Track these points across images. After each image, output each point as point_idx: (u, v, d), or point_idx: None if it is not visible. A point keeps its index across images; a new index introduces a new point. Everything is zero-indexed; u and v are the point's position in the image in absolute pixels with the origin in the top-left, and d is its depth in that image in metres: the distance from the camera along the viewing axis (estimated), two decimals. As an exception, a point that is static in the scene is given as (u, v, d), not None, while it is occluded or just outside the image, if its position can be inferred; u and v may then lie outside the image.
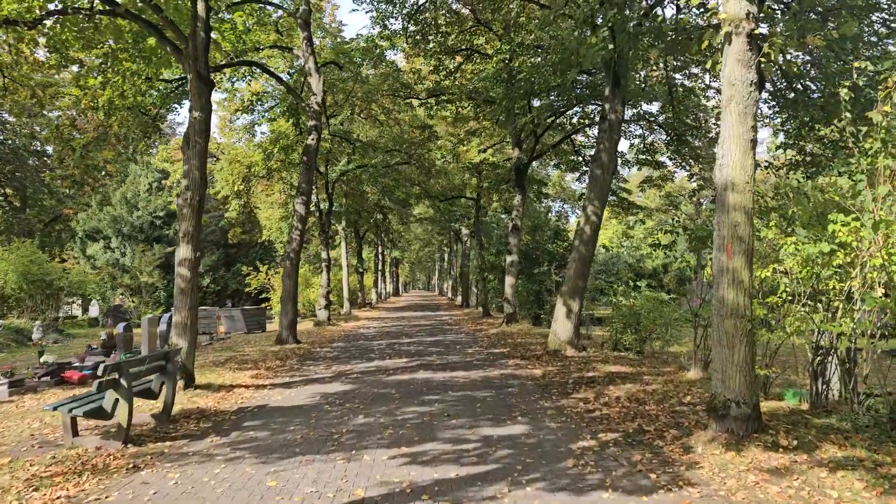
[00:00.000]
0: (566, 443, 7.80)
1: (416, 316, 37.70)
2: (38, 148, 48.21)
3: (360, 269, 48.03)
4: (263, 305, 32.45)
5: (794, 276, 9.42)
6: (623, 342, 17.64)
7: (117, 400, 7.77)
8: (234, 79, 24.44)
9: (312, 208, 30.60)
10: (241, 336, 25.31)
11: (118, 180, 41.37)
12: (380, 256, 59.37)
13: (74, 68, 14.93)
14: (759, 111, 20.77)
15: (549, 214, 46.50)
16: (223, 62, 19.70)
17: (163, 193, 40.58)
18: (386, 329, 27.35)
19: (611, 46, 11.74)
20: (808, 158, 16.26)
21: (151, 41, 13.14)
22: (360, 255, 48.50)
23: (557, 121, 26.60)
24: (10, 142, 45.20)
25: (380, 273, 60.23)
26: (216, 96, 25.01)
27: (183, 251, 11.37)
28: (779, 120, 19.55)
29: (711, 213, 12.70)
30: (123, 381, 7.73)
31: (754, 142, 7.50)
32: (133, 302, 34.15)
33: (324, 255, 30.38)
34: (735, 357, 7.33)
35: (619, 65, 16.12)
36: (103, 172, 50.37)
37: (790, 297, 9.51)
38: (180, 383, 11.15)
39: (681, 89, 20.53)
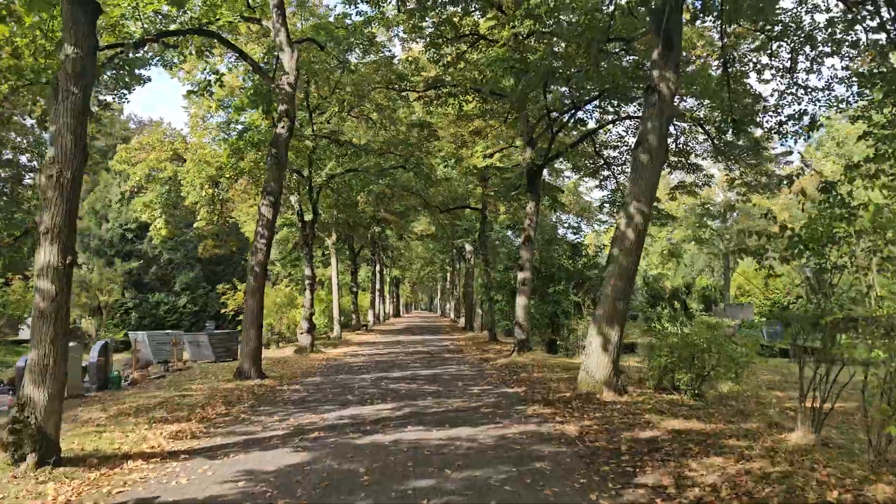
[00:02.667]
0: None
1: (414, 340, 33.71)
2: (10, 157, 44.69)
3: (355, 289, 44.13)
4: (239, 329, 28.52)
5: None
6: (671, 381, 13.70)
7: None
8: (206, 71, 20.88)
9: (293, 217, 26.83)
10: (206, 366, 21.37)
11: (86, 189, 37.67)
12: (377, 275, 55.47)
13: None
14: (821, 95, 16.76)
15: (560, 229, 42.73)
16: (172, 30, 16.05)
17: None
18: (377, 358, 23.39)
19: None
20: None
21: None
22: (354, 273, 44.62)
23: (578, 114, 22.80)
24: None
25: (377, 293, 56.26)
26: (184, 89, 21.58)
27: (45, 254, 7.50)
28: (860, 102, 15.74)
29: (821, 206, 8.86)
30: None
31: None
32: (91, 323, 30.23)
33: (307, 271, 26.47)
34: None
35: (672, 20, 12.38)
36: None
37: None
38: (31, 459, 7.24)
39: (737, 66, 16.77)
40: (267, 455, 8.42)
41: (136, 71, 18.60)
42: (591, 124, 25.18)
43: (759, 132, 19.68)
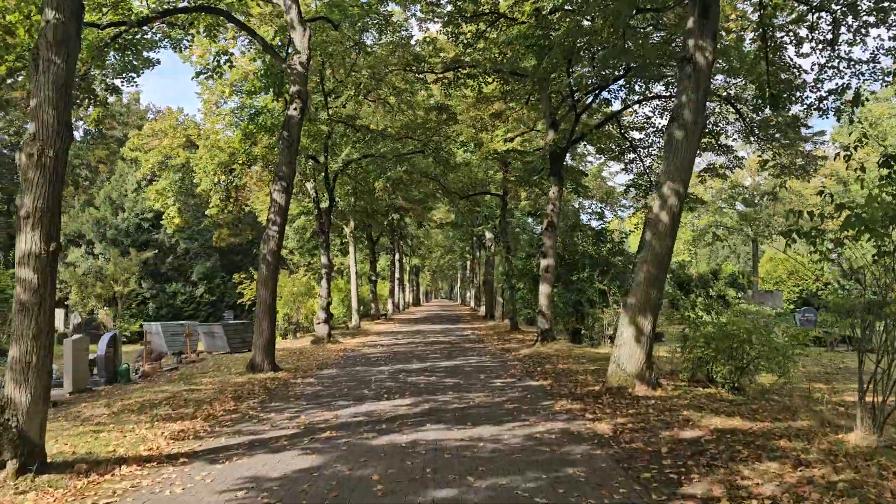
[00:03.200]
0: None
1: (434, 330, 32.98)
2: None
3: (373, 277, 43.49)
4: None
5: None
6: (706, 373, 12.87)
7: None
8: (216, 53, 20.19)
9: (310, 205, 26.18)
10: (220, 358, 20.82)
11: (103, 178, 37.26)
12: (397, 264, 54.77)
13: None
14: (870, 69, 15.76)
15: (583, 216, 41.77)
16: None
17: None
18: (395, 348, 22.70)
19: None
20: None
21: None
22: (373, 262, 43.98)
23: (602, 94, 21.84)
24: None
25: (397, 281, 55.57)
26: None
27: (26, 241, 6.82)
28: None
29: (882, 182, 7.98)
30: None
31: None
32: (108, 314, 29.79)
33: (323, 259, 25.82)
34: None
35: (709, -16, 11.47)
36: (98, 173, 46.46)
37: None
38: (12, 466, 6.58)
39: (775, 38, 15.76)
40: (273, 458, 7.73)
41: (145, 53, 18.03)
42: (617, 105, 24.21)
43: (795, 109, 18.68)
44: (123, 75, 18.22)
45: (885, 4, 15.00)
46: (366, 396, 12.23)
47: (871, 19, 15.74)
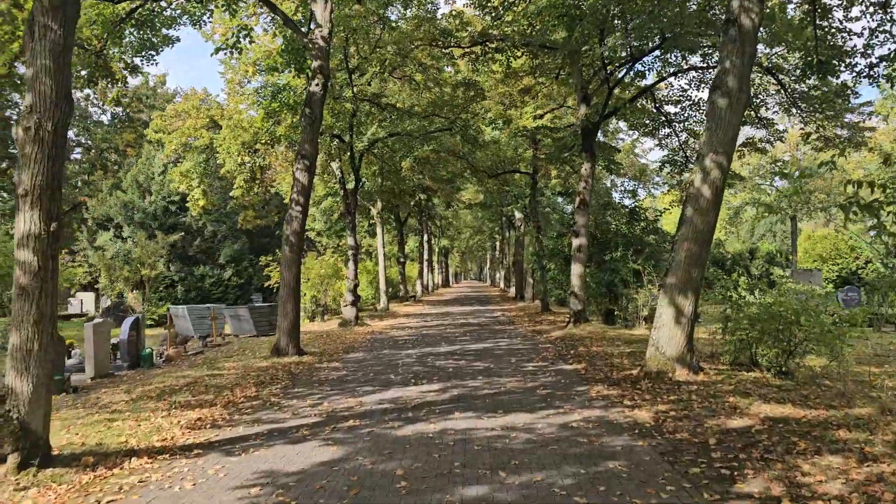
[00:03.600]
0: None
1: (463, 312, 32.48)
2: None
3: (402, 259, 43.06)
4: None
5: None
6: (750, 356, 12.18)
7: None
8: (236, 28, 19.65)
9: (336, 186, 25.71)
10: (246, 341, 20.54)
11: (129, 162, 37.20)
12: (425, 245, 54.30)
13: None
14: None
15: (615, 194, 40.89)
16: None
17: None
18: (424, 331, 22.23)
19: None
20: None
21: None
22: (401, 243, 43.54)
23: (636, 67, 20.90)
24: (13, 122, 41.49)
25: (426, 263, 55.12)
26: (221, 55, 20.65)
27: (25, 220, 6.39)
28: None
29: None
30: None
31: None
32: (136, 297, 29.74)
33: (350, 241, 25.40)
34: None
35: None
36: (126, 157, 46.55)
37: None
38: (13, 459, 6.18)
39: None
40: (292, 450, 7.27)
41: (164, 31, 17.62)
42: (651, 78, 23.31)
43: (843, 77, 17.74)
44: (142, 53, 17.84)
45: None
46: (392, 382, 11.76)
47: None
